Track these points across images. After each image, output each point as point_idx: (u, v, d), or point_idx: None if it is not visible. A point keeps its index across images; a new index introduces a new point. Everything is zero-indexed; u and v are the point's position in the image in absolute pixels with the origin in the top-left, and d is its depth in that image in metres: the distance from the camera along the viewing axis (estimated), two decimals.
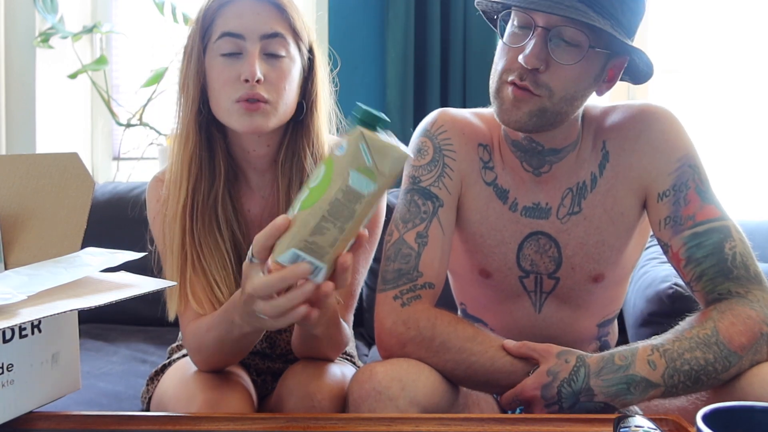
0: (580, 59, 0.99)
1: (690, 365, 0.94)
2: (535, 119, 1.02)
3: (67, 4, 2.40)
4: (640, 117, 1.10)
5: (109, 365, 1.63)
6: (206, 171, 1.11)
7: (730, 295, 1.00)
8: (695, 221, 1.03)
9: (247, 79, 1.03)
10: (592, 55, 1.00)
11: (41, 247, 0.93)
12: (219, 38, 1.06)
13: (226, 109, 1.07)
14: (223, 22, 1.07)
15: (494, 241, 1.14)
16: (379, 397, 0.95)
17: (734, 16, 2.38)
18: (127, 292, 0.82)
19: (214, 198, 1.11)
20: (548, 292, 1.16)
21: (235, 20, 1.06)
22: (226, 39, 1.06)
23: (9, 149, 2.32)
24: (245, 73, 1.04)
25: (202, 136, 1.11)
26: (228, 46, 1.06)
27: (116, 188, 2.06)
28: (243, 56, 1.05)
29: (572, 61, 0.99)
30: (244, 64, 1.05)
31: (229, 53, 1.06)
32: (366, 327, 1.89)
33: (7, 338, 0.82)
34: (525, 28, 1.01)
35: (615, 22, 0.99)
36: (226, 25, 1.06)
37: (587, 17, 0.96)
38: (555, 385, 0.96)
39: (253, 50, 1.05)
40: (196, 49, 1.09)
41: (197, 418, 0.89)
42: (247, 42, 1.05)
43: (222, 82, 1.06)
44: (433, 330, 1.02)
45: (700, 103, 2.40)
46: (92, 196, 0.95)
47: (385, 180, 0.79)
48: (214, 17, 1.08)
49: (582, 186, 1.11)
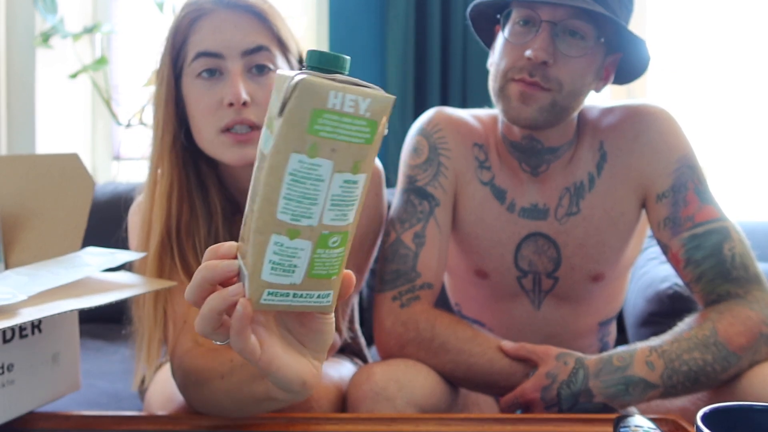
0: (587, 51, 1.00)
1: (689, 366, 0.94)
2: (546, 114, 1.02)
3: (68, 4, 2.40)
4: (638, 117, 1.10)
5: (109, 365, 1.63)
6: (202, 211, 0.99)
7: (729, 296, 1.00)
8: (694, 222, 1.03)
9: (232, 103, 0.92)
10: (596, 48, 1.01)
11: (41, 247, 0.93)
12: (195, 59, 0.94)
13: (210, 140, 0.95)
14: (197, 39, 0.95)
15: (491, 241, 1.14)
16: (377, 398, 0.95)
17: (734, 16, 2.38)
18: (127, 292, 0.82)
19: (214, 239, 0.99)
20: (547, 291, 1.16)
21: (211, 37, 0.94)
22: (203, 59, 0.94)
23: (9, 149, 2.32)
24: (228, 96, 0.92)
25: (190, 175, 0.99)
26: (205, 66, 0.94)
27: (116, 188, 2.06)
28: (224, 77, 0.94)
29: (579, 53, 1.00)
30: (225, 85, 0.93)
31: (208, 75, 0.94)
32: (365, 327, 1.89)
33: (8, 338, 0.82)
34: (528, 24, 1.01)
35: (615, 15, 1.00)
36: (202, 43, 0.94)
37: (594, 7, 0.96)
38: (554, 387, 0.96)
39: (234, 69, 0.93)
40: (167, 73, 0.96)
41: (197, 418, 0.89)
42: (227, 60, 0.94)
43: (203, 109, 0.94)
44: (432, 331, 1.02)
45: (700, 103, 2.40)
46: (92, 196, 0.95)
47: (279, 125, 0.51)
48: (187, 34, 0.96)
49: (579, 186, 1.11)
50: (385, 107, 0.51)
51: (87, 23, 2.45)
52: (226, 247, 0.58)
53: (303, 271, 0.54)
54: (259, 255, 0.53)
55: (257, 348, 0.58)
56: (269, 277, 0.54)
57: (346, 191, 0.52)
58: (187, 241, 0.98)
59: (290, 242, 0.53)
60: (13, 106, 2.33)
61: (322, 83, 0.49)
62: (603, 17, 0.98)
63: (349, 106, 0.50)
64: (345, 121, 0.50)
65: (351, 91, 0.50)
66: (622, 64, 1.09)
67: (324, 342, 0.62)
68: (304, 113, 0.49)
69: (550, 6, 0.98)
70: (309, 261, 0.54)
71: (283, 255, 0.53)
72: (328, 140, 0.50)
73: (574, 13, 0.98)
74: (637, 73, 1.10)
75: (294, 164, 0.50)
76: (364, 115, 0.50)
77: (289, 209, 0.52)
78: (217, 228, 1.00)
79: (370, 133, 0.51)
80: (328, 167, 0.51)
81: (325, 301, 0.57)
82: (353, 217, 0.55)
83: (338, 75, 0.52)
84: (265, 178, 0.51)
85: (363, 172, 0.53)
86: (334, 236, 0.54)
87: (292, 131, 0.50)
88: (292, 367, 0.60)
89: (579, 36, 1.00)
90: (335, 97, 0.49)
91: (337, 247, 0.54)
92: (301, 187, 0.51)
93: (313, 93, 0.49)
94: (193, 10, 0.96)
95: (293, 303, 0.56)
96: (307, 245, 0.53)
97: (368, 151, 0.52)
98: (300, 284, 0.55)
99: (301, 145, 0.50)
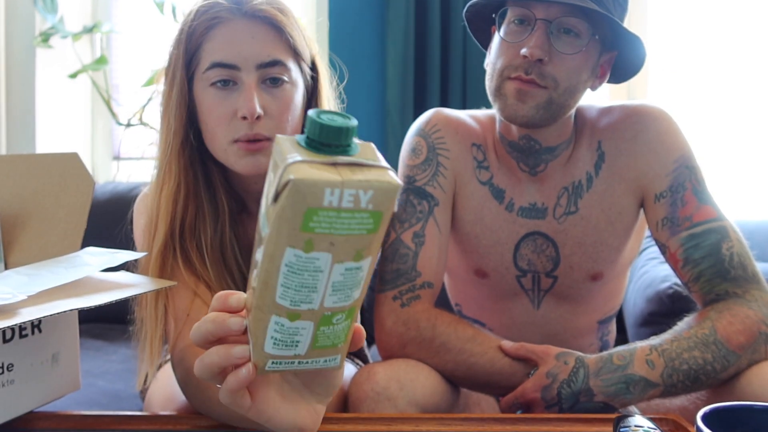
0: (582, 48, 1.00)
1: (689, 365, 0.94)
2: (542, 112, 1.02)
3: (67, 4, 2.40)
4: (636, 118, 1.10)
5: (108, 364, 1.63)
6: (209, 211, 0.98)
7: (728, 295, 1.00)
8: (692, 222, 1.03)
9: (245, 116, 0.92)
10: (591, 45, 1.01)
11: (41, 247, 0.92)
12: (209, 68, 0.93)
13: (223, 149, 0.96)
14: (212, 48, 0.94)
15: (490, 241, 1.14)
16: (378, 398, 0.95)
17: (734, 16, 2.38)
18: (127, 291, 0.82)
19: (220, 239, 0.99)
20: (546, 290, 1.16)
21: (227, 48, 0.93)
22: (218, 70, 0.93)
23: (9, 149, 2.32)
24: (243, 109, 0.92)
25: (198, 175, 0.98)
26: (220, 77, 0.93)
27: (116, 188, 2.06)
28: (238, 87, 0.94)
29: (574, 50, 1.00)
30: (240, 97, 0.93)
31: (222, 85, 0.94)
32: (366, 327, 1.89)
33: (7, 338, 0.82)
34: (523, 23, 1.02)
35: (609, 13, 1.00)
36: (217, 53, 0.93)
37: (588, 4, 0.97)
38: (555, 387, 0.96)
39: (249, 81, 0.93)
40: (178, 76, 0.95)
41: (197, 418, 0.89)
42: (243, 72, 0.93)
43: (216, 118, 0.94)
44: (433, 330, 1.02)
45: (701, 103, 2.40)
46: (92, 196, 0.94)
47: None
48: (201, 42, 0.94)
49: (578, 185, 1.12)
50: (390, 197, 0.46)
51: (87, 23, 2.45)
52: (235, 300, 0.56)
53: (306, 345, 0.53)
54: (261, 330, 0.52)
55: (247, 401, 0.57)
56: (272, 350, 0.53)
57: (348, 278, 0.49)
58: (192, 240, 0.98)
59: (290, 323, 0.51)
60: (13, 106, 2.33)
61: (315, 181, 0.44)
62: (597, 15, 0.99)
63: (348, 201, 0.45)
64: (344, 216, 0.45)
65: (350, 185, 0.45)
66: (619, 62, 1.09)
67: (332, 387, 0.62)
68: (297, 212, 0.45)
69: (545, 4, 0.99)
70: (312, 337, 0.52)
71: (285, 334, 0.52)
72: (325, 235, 0.46)
73: (568, 11, 0.99)
74: (634, 71, 1.10)
75: (290, 257, 0.47)
76: (366, 208, 0.46)
77: (288, 296, 0.49)
78: (223, 227, 1.00)
79: (374, 224, 0.47)
80: (327, 259, 0.47)
81: (333, 363, 0.55)
82: (359, 294, 0.51)
83: (339, 157, 0.46)
84: (262, 263, 0.49)
85: (367, 257, 0.49)
86: (337, 315, 0.51)
87: (285, 226, 0.46)
88: (287, 416, 0.59)
89: (574, 34, 1.00)
90: (331, 194, 0.45)
91: (341, 322, 0.52)
92: (298, 278, 0.48)
93: (306, 193, 0.44)
94: (210, 17, 0.94)
95: (299, 368, 0.55)
96: (309, 325, 0.51)
97: (372, 239, 0.48)
98: (305, 355, 0.53)
99: (296, 241, 0.46)
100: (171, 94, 0.96)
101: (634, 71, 1.10)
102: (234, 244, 1.01)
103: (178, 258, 0.96)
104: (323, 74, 1.03)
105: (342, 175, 0.45)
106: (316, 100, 1.02)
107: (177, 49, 0.96)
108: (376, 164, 0.47)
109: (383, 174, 0.46)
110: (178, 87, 0.96)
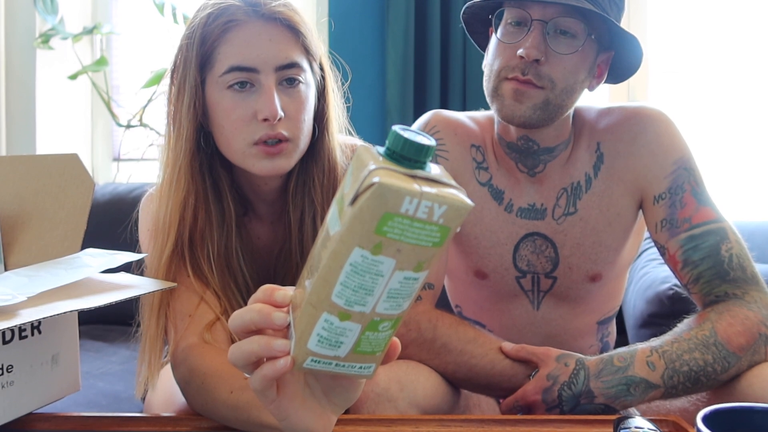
0: (578, 48, 1.00)
1: (689, 366, 0.94)
2: (539, 112, 1.02)
3: (68, 5, 2.40)
4: (635, 119, 1.10)
5: (108, 365, 1.63)
6: (216, 215, 0.98)
7: (728, 296, 1.00)
8: (691, 224, 1.03)
9: (267, 118, 0.91)
10: (588, 45, 1.01)
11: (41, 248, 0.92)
12: (227, 72, 0.92)
13: (242, 152, 0.94)
14: (229, 51, 0.92)
15: (489, 242, 1.14)
16: (378, 399, 0.95)
17: (734, 17, 2.38)
18: (127, 293, 0.82)
19: (225, 244, 0.99)
20: (546, 291, 1.16)
21: (245, 51, 0.91)
22: (236, 73, 0.92)
23: (9, 150, 2.32)
24: (264, 111, 0.91)
25: (206, 180, 0.97)
26: (238, 79, 0.92)
27: (116, 189, 2.06)
28: (256, 89, 0.92)
29: (570, 51, 1.00)
30: (260, 99, 0.92)
31: (240, 87, 0.92)
32: None
33: (7, 339, 0.82)
34: (520, 24, 1.02)
35: (605, 13, 1.00)
36: (235, 56, 0.92)
37: (584, 4, 0.97)
38: (555, 389, 0.96)
39: (268, 84, 0.92)
40: (191, 79, 0.93)
41: (197, 419, 0.89)
42: (261, 75, 0.92)
43: (234, 121, 0.93)
44: (434, 332, 1.02)
45: (700, 104, 2.40)
46: (92, 197, 0.94)
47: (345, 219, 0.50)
48: (217, 44, 0.93)
49: (576, 186, 1.12)
50: (461, 215, 0.49)
51: (87, 24, 2.45)
52: (281, 295, 0.58)
53: (349, 347, 0.55)
54: (309, 325, 0.54)
55: (274, 392, 0.59)
56: (315, 347, 0.54)
57: (404, 286, 0.51)
58: (201, 248, 0.97)
59: (340, 323, 0.53)
60: (13, 107, 2.33)
61: (398, 188, 0.47)
62: (593, 15, 0.99)
63: (422, 213, 0.48)
64: (416, 225, 0.48)
65: (427, 197, 0.47)
66: (616, 62, 1.09)
67: (350, 399, 0.63)
68: (375, 214, 0.47)
69: (541, 5, 0.99)
70: (356, 340, 0.54)
71: (331, 332, 0.53)
72: (394, 241, 0.49)
73: (564, 11, 0.99)
74: (631, 71, 1.10)
75: (356, 257, 0.49)
76: (437, 221, 0.48)
77: (344, 295, 0.51)
78: (229, 232, 0.99)
79: (440, 238, 0.49)
80: (390, 265, 0.50)
81: (367, 371, 0.57)
82: (407, 306, 0.54)
83: (419, 171, 0.49)
84: (327, 260, 0.51)
85: (426, 270, 0.51)
86: (384, 322, 0.54)
87: (359, 227, 0.48)
88: (303, 419, 0.60)
89: (570, 34, 1.00)
90: (410, 203, 0.47)
91: (386, 330, 0.54)
92: (359, 278, 0.50)
93: (388, 197, 0.47)
94: (226, 20, 0.93)
95: (334, 370, 0.56)
96: (356, 327, 0.53)
97: (435, 252, 0.50)
98: (344, 357, 0.55)
99: (367, 242, 0.49)
100: (182, 98, 0.94)
101: (631, 71, 1.10)
102: (239, 249, 1.00)
103: (186, 265, 0.97)
104: (329, 74, 1.03)
105: (421, 187, 0.48)
106: (324, 101, 1.02)
107: (189, 51, 0.94)
108: (452, 184, 0.50)
109: (458, 193, 0.49)
110: (190, 90, 0.94)
